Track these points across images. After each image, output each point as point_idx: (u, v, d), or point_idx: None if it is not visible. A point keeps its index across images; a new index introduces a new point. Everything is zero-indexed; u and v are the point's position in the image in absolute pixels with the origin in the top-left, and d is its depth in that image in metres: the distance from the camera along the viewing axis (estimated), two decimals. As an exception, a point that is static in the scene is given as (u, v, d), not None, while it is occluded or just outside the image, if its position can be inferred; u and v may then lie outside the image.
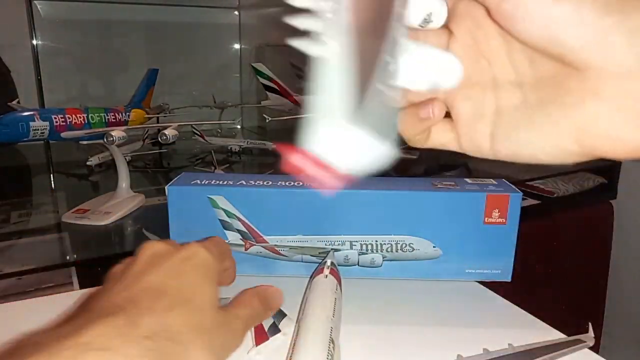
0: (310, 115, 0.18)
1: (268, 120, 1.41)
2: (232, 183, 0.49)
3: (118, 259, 0.33)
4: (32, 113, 1.05)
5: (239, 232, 0.48)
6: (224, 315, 0.31)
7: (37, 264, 0.68)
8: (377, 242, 0.48)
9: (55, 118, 1.08)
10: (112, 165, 0.94)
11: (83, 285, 0.62)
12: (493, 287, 0.50)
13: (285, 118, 1.41)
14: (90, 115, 1.20)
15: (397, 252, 0.48)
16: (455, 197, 0.47)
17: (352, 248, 0.49)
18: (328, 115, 0.18)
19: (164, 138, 1.01)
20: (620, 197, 1.35)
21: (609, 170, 1.34)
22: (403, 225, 0.48)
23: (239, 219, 0.48)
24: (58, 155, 1.43)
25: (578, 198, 1.25)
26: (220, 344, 0.29)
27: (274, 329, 0.40)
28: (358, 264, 0.49)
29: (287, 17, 0.19)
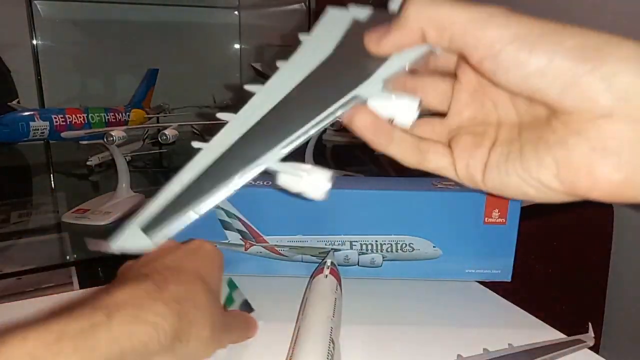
0: None
1: None
2: (232, 183, 0.48)
3: (118, 259, 0.33)
4: (32, 113, 1.04)
5: (239, 232, 0.48)
6: (225, 313, 0.35)
7: (37, 264, 0.68)
8: (377, 242, 0.48)
9: (55, 118, 1.08)
10: (112, 165, 0.94)
11: (83, 285, 0.62)
12: (493, 287, 0.50)
13: None
14: (90, 115, 1.20)
15: (397, 252, 0.48)
16: (455, 197, 0.47)
17: (352, 248, 0.49)
18: None
19: (164, 138, 1.01)
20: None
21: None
22: (403, 225, 0.48)
23: (239, 219, 0.48)
24: (58, 155, 1.42)
25: (578, 198, 1.24)
26: (219, 330, 0.32)
27: None
28: (358, 264, 0.49)
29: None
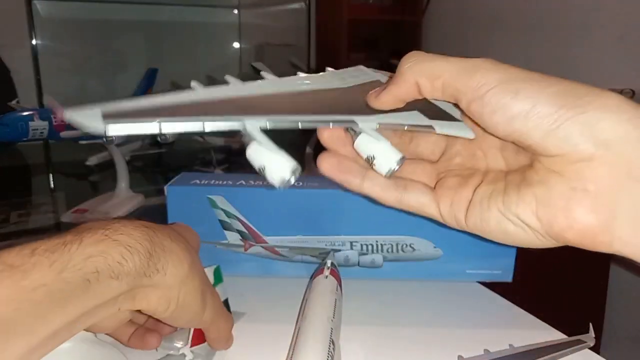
0: None
1: None
2: (231, 183, 0.48)
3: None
4: (31, 113, 1.04)
5: (239, 232, 0.48)
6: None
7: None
8: (377, 242, 0.48)
9: (55, 118, 1.08)
10: (111, 165, 0.93)
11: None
12: (494, 287, 0.50)
13: None
14: (90, 115, 1.20)
15: (397, 252, 0.48)
16: (456, 197, 0.47)
17: (352, 248, 0.48)
18: None
19: (163, 138, 1.01)
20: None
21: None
22: (403, 226, 0.48)
23: (239, 220, 0.48)
24: (57, 155, 1.42)
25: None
26: (200, 274, 0.32)
27: None
28: (358, 265, 0.49)
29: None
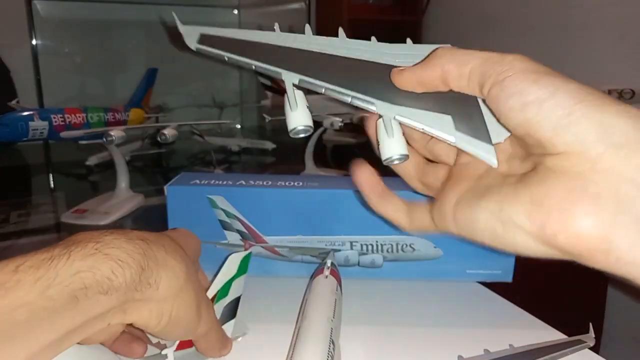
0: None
1: (268, 120, 1.41)
2: (231, 183, 0.48)
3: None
4: (31, 113, 1.04)
5: (239, 232, 0.48)
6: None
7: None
8: (377, 242, 0.48)
9: (55, 118, 1.08)
10: (111, 165, 0.93)
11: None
12: (494, 287, 0.50)
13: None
14: (90, 115, 1.20)
15: (397, 252, 0.48)
16: (456, 197, 0.47)
17: (352, 248, 0.48)
18: None
19: (163, 138, 1.01)
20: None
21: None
22: (403, 226, 0.48)
23: (239, 219, 0.48)
24: (57, 155, 1.42)
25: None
26: (197, 287, 0.31)
27: None
28: (358, 265, 0.49)
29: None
